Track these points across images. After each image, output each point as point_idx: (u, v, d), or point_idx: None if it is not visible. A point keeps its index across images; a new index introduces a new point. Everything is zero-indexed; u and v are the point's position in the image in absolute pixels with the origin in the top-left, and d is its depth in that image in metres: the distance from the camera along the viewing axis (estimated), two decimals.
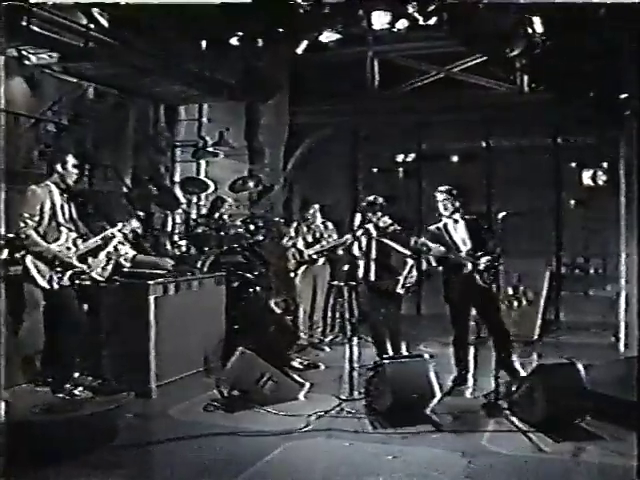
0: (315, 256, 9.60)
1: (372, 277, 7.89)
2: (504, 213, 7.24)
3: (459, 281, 7.29)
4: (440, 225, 7.50)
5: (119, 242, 6.76)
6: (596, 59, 9.01)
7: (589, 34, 8.60)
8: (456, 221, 7.46)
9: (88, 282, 6.78)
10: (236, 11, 8.24)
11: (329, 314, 10.07)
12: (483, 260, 7.22)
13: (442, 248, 7.26)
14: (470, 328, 7.39)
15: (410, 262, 7.88)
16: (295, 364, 8.40)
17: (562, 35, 8.86)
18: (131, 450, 5.69)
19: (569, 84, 9.60)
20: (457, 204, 7.46)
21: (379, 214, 7.89)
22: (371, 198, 8.07)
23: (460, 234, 7.42)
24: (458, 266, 7.28)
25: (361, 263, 8.00)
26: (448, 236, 7.40)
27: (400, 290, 7.89)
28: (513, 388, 6.55)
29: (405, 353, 7.82)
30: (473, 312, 7.41)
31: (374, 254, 7.89)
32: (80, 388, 6.35)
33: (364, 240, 7.96)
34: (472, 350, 7.52)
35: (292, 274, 9.72)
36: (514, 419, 6.30)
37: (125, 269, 7.19)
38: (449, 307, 7.51)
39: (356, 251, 8.16)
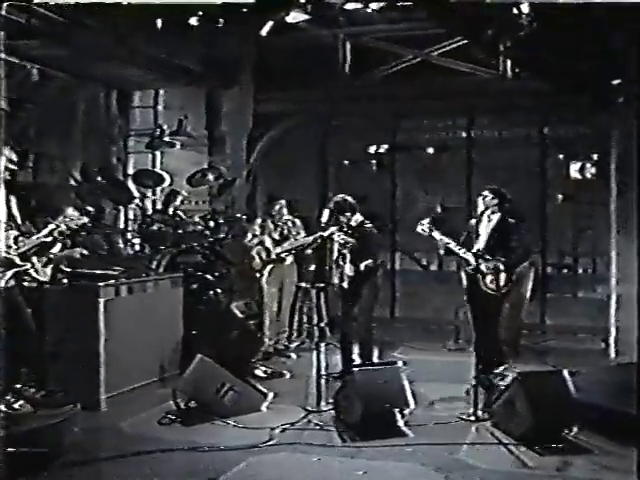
0: (283, 255, 9.57)
1: (337, 278, 7.92)
2: (483, 208, 7.32)
3: (468, 278, 7.54)
4: (477, 220, 7.79)
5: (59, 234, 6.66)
6: (586, 43, 9.06)
7: (578, 15, 8.64)
8: (489, 219, 7.71)
9: (34, 284, 6.72)
10: None
11: (296, 318, 10.07)
12: (488, 263, 7.34)
13: (445, 239, 7.49)
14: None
15: (345, 251, 7.88)
16: (259, 372, 8.40)
17: (550, 16, 8.90)
18: (78, 469, 5.62)
19: (557, 69, 9.64)
20: (495, 202, 7.71)
21: (349, 214, 7.91)
22: (339, 198, 8.08)
23: (485, 232, 7.65)
24: (465, 262, 7.55)
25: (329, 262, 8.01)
26: (476, 231, 7.69)
27: (343, 284, 7.91)
28: (493, 397, 6.59)
29: (377, 360, 7.84)
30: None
31: (341, 253, 7.90)
32: (21, 402, 6.27)
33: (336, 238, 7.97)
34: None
35: (257, 275, 9.68)
36: (495, 431, 6.33)
37: (69, 269, 7.13)
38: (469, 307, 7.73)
39: (327, 250, 8.16)
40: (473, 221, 7.85)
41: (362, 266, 7.81)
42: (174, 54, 10.41)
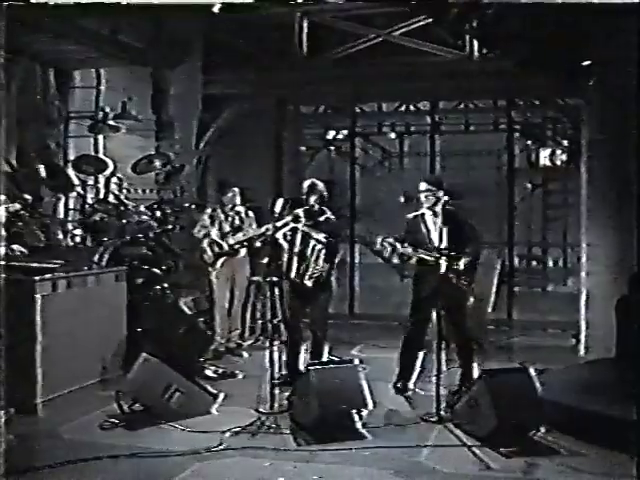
0: (237, 247, 9.52)
1: (294, 272, 7.89)
2: (446, 198, 7.34)
3: (432, 279, 7.36)
4: (418, 214, 7.69)
5: None
6: (556, 21, 9.12)
7: None
8: (435, 213, 7.60)
9: None
10: None
11: (249, 315, 10.04)
12: (463, 261, 7.34)
13: (410, 249, 7.43)
14: (427, 330, 7.57)
15: (318, 248, 7.84)
16: (208, 372, 8.36)
17: None
18: (13, 478, 5.55)
19: (525, 50, 9.70)
20: (440, 194, 7.60)
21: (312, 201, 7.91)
22: (308, 182, 8.09)
23: (437, 228, 7.55)
24: (429, 264, 7.40)
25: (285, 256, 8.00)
26: (425, 229, 7.60)
27: (308, 282, 7.86)
28: (456, 397, 6.64)
29: (333, 358, 7.86)
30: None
31: (298, 246, 7.89)
32: None
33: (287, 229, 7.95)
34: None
35: (207, 268, 9.63)
36: (457, 432, 6.38)
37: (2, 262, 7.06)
38: (412, 304, 7.68)
39: (282, 242, 8.14)
40: (411, 215, 7.76)
41: (336, 261, 7.84)
42: (118, 31, 10.31)
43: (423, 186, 7.65)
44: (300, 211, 7.91)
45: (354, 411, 6.46)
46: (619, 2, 7.25)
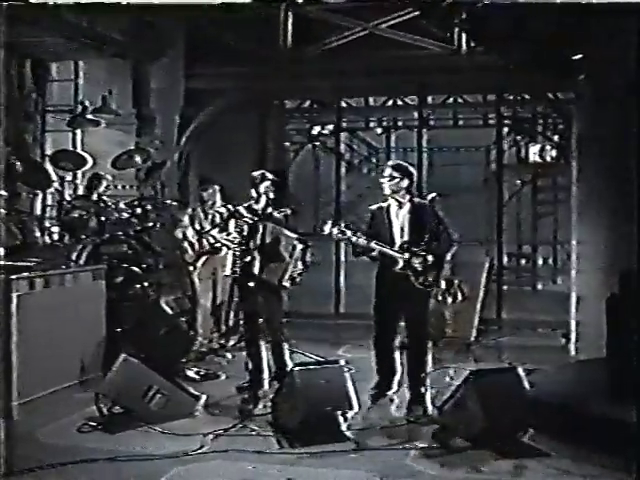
0: (218, 245, 9.51)
1: (256, 269, 7.63)
2: (434, 194, 7.31)
3: (391, 276, 7.20)
4: (384, 205, 7.37)
5: None
6: (546, 15, 9.14)
7: None
8: (400, 204, 7.31)
9: None
10: None
11: (232, 314, 10.02)
12: (419, 260, 7.14)
13: (362, 240, 7.13)
14: (397, 329, 7.43)
15: (299, 247, 7.71)
16: (190, 374, 8.37)
17: None
18: None
19: (514, 44, 9.72)
20: (405, 183, 7.28)
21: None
22: (257, 174, 7.95)
23: (401, 221, 7.27)
24: (390, 260, 7.18)
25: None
26: (388, 221, 7.28)
27: (286, 283, 7.71)
28: (444, 398, 6.66)
29: (318, 358, 7.86)
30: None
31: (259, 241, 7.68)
32: None
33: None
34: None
35: (188, 267, 9.62)
36: (445, 434, 6.36)
37: None
38: (374, 302, 7.44)
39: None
40: (374, 206, 7.44)
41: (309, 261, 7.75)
42: (97, 22, 10.27)
43: (387, 171, 7.33)
44: (241, 208, 7.78)
45: (339, 413, 6.46)
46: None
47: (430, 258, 7.14)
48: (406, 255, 7.11)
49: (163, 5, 8.66)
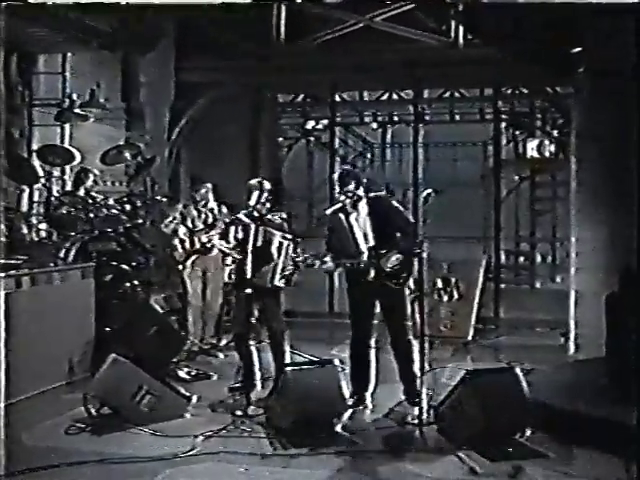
0: (209, 244, 9.51)
1: (249, 274, 7.42)
2: (429, 191, 7.24)
3: (363, 281, 7.08)
4: (337, 207, 7.17)
5: None
6: (544, 7, 9.13)
7: None
8: (355, 203, 7.14)
9: None
10: None
11: (224, 313, 10.02)
12: (390, 262, 7.00)
13: (331, 264, 7.03)
14: (373, 330, 7.35)
15: (285, 244, 7.58)
16: (181, 374, 8.36)
17: None
18: None
19: (512, 37, 9.72)
20: (361, 190, 7.13)
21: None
22: (254, 182, 7.88)
23: (361, 223, 7.14)
24: (362, 269, 7.06)
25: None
26: (348, 227, 7.13)
27: (280, 283, 7.63)
28: (441, 399, 6.64)
29: (312, 358, 7.84)
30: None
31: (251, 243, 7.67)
32: None
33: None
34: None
35: (179, 266, 9.61)
36: (442, 436, 6.36)
37: None
38: (349, 306, 7.43)
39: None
40: (329, 210, 7.24)
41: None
42: (85, 13, 10.23)
43: (337, 183, 7.17)
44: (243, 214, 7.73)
45: (333, 414, 6.44)
46: None
47: (399, 257, 7.01)
48: (374, 261, 7.01)
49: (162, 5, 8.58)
